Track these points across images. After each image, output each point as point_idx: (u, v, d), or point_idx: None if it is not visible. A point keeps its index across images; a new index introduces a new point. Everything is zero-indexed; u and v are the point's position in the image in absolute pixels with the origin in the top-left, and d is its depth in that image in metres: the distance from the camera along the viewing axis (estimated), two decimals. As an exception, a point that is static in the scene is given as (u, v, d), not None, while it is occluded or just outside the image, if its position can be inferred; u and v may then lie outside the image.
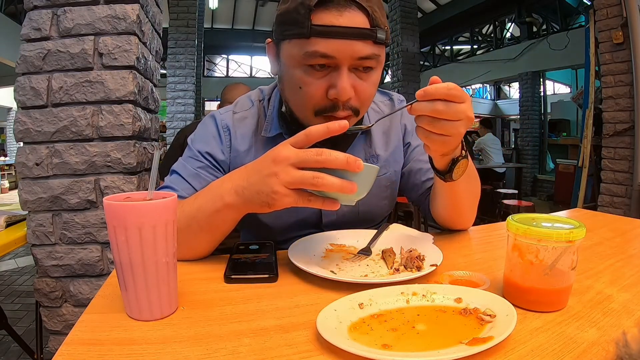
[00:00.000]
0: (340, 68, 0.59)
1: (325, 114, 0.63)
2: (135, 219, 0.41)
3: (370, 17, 0.58)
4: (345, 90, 0.59)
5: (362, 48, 0.58)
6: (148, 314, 0.44)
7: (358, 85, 0.61)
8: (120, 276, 0.44)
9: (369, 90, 0.63)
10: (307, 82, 0.61)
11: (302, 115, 0.66)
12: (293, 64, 0.61)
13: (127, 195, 0.46)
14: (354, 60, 0.59)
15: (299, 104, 0.65)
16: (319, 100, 0.62)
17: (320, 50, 0.57)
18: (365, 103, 0.65)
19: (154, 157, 0.51)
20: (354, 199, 0.53)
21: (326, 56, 0.58)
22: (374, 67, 0.62)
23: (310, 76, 0.60)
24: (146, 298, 0.44)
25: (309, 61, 0.59)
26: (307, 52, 0.58)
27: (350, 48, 0.57)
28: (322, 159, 0.48)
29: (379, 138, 0.81)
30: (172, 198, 0.44)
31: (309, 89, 0.61)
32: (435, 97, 0.50)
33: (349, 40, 0.57)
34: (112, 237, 0.43)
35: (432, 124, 0.52)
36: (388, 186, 0.82)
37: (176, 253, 0.46)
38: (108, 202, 0.42)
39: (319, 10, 0.57)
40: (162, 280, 0.44)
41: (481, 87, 12.34)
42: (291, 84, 0.64)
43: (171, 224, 0.44)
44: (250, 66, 12.69)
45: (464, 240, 0.77)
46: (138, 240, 0.42)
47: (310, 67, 0.60)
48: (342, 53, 0.58)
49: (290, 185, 0.50)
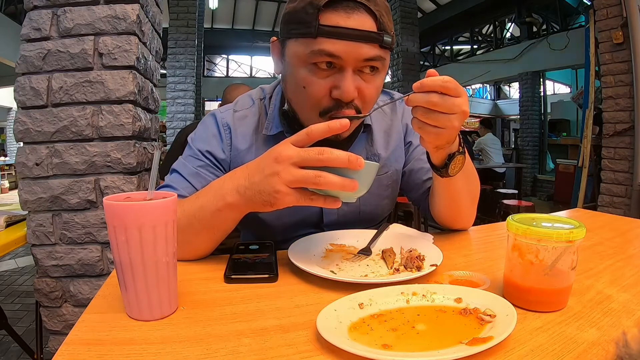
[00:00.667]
0: (345, 69, 0.59)
1: (328, 114, 0.62)
2: (135, 219, 0.41)
3: (377, 21, 0.58)
4: (349, 91, 0.59)
5: (368, 50, 0.58)
6: (148, 314, 0.44)
7: (362, 87, 0.61)
8: (120, 276, 0.44)
9: (373, 92, 0.63)
10: (311, 81, 0.61)
11: (304, 115, 0.66)
12: (298, 63, 0.61)
13: (127, 195, 0.46)
14: (359, 62, 0.59)
15: (302, 104, 0.65)
16: (322, 101, 0.62)
17: (326, 49, 0.57)
18: (368, 105, 0.65)
19: (154, 157, 0.51)
20: (355, 196, 0.54)
21: (332, 55, 0.58)
22: (379, 69, 0.63)
23: (314, 75, 0.60)
24: (146, 298, 0.44)
25: (314, 60, 0.59)
26: (313, 50, 0.58)
27: (356, 50, 0.58)
28: (324, 157, 0.48)
29: (380, 137, 0.81)
30: (172, 198, 0.44)
31: (313, 89, 0.61)
32: (431, 89, 0.51)
33: (355, 42, 0.57)
34: (112, 237, 0.43)
35: (427, 115, 0.52)
36: (389, 185, 0.82)
37: (176, 253, 0.46)
38: (108, 202, 0.42)
39: (327, 11, 0.57)
40: (162, 280, 0.44)
41: (481, 87, 12.35)
42: (295, 83, 0.64)
43: (171, 224, 0.44)
44: (250, 66, 12.69)
45: (464, 240, 0.77)
46: (138, 240, 0.42)
47: (315, 66, 0.60)
48: (348, 54, 0.58)
49: (292, 185, 0.50)
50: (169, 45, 5.15)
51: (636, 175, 2.51)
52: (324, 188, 0.49)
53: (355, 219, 0.79)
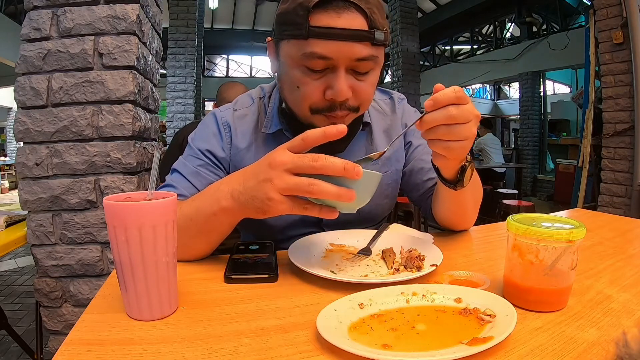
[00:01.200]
0: (337, 69, 0.59)
1: (323, 113, 0.63)
2: (135, 219, 0.41)
3: (368, 19, 0.58)
4: (342, 91, 0.59)
5: (360, 50, 0.58)
6: (148, 314, 0.44)
7: (356, 86, 0.61)
8: (120, 276, 0.44)
9: (367, 90, 0.63)
10: (305, 82, 0.61)
11: (299, 113, 0.67)
12: (291, 64, 0.62)
13: (127, 195, 0.46)
14: (352, 61, 0.59)
15: (296, 103, 0.66)
16: (316, 101, 0.62)
17: (317, 51, 0.57)
18: (365, 103, 0.65)
19: (154, 157, 0.51)
20: (354, 207, 0.51)
21: (324, 57, 0.58)
22: (372, 68, 0.62)
23: (307, 76, 0.61)
24: (146, 298, 0.44)
25: (306, 62, 0.59)
26: (304, 53, 0.58)
27: (347, 50, 0.58)
28: (318, 165, 0.47)
29: (380, 136, 0.81)
30: (172, 198, 0.44)
31: (306, 89, 0.61)
32: (447, 103, 0.49)
33: (346, 42, 0.57)
34: (112, 237, 0.43)
35: (449, 131, 0.50)
36: (389, 184, 0.82)
37: (176, 253, 0.46)
38: (108, 202, 0.42)
39: (317, 12, 0.57)
40: (162, 280, 0.44)
41: (481, 87, 12.34)
42: (289, 83, 0.64)
43: (171, 224, 0.44)
44: (250, 66, 12.69)
45: (464, 240, 0.77)
46: (138, 240, 0.42)
47: (308, 68, 0.60)
48: (340, 54, 0.58)
49: (284, 192, 0.49)
50: (169, 45, 5.15)
51: (636, 175, 2.50)
52: (318, 197, 0.47)
53: (355, 218, 0.79)
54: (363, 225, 0.79)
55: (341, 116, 0.63)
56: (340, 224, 0.77)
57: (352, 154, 0.76)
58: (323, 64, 0.59)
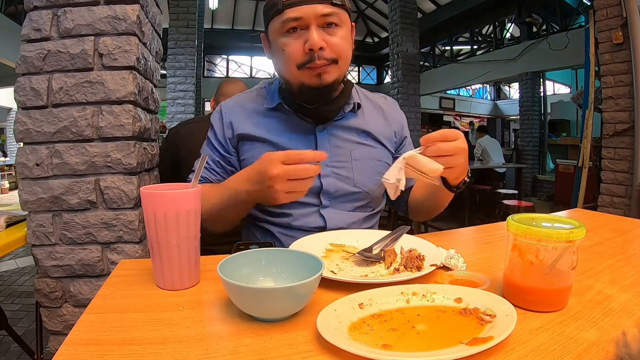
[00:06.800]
0: (310, 26, 0.75)
1: (306, 66, 0.76)
2: (168, 205, 0.53)
3: None
4: (315, 40, 0.74)
5: (322, 8, 0.75)
6: (179, 283, 0.54)
7: (327, 39, 0.76)
8: (156, 253, 0.54)
9: (339, 42, 0.77)
10: (287, 43, 0.77)
11: (288, 73, 0.79)
12: (276, 36, 0.78)
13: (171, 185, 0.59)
14: (318, 18, 0.75)
15: (286, 66, 0.79)
16: (299, 56, 0.76)
17: (291, 16, 0.75)
18: (341, 55, 0.78)
19: (200, 160, 0.62)
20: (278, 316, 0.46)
21: (296, 19, 0.75)
22: (337, 23, 0.77)
23: (288, 37, 0.77)
24: (178, 269, 0.54)
25: (285, 27, 0.76)
26: (282, 21, 0.75)
27: (312, 9, 0.74)
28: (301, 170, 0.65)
29: (371, 115, 0.92)
30: (193, 190, 0.56)
31: (289, 49, 0.77)
32: (436, 140, 0.64)
33: (311, 5, 0.74)
34: (150, 220, 0.54)
35: (443, 160, 0.65)
36: (380, 161, 0.89)
37: (198, 235, 0.57)
38: (146, 191, 0.55)
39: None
40: (192, 255, 0.55)
41: (481, 88, 12.33)
42: (278, 51, 0.79)
43: (193, 212, 0.55)
44: (250, 66, 12.68)
45: (464, 241, 0.77)
46: (174, 221, 0.53)
47: (288, 32, 0.76)
48: (308, 14, 0.74)
49: (286, 190, 0.66)
50: (169, 46, 5.15)
51: (636, 175, 2.50)
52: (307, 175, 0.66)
53: (350, 192, 0.85)
54: (359, 195, 0.86)
55: (321, 65, 0.75)
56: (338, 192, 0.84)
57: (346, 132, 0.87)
58: (297, 23, 0.75)
